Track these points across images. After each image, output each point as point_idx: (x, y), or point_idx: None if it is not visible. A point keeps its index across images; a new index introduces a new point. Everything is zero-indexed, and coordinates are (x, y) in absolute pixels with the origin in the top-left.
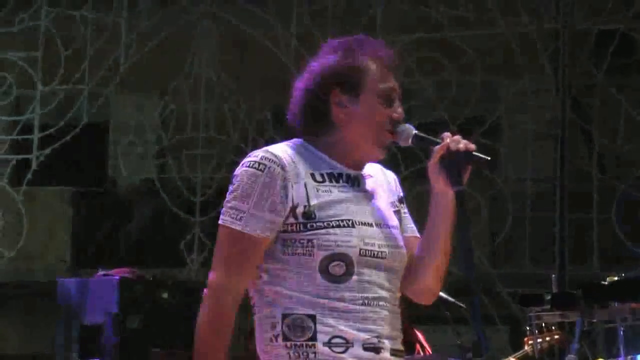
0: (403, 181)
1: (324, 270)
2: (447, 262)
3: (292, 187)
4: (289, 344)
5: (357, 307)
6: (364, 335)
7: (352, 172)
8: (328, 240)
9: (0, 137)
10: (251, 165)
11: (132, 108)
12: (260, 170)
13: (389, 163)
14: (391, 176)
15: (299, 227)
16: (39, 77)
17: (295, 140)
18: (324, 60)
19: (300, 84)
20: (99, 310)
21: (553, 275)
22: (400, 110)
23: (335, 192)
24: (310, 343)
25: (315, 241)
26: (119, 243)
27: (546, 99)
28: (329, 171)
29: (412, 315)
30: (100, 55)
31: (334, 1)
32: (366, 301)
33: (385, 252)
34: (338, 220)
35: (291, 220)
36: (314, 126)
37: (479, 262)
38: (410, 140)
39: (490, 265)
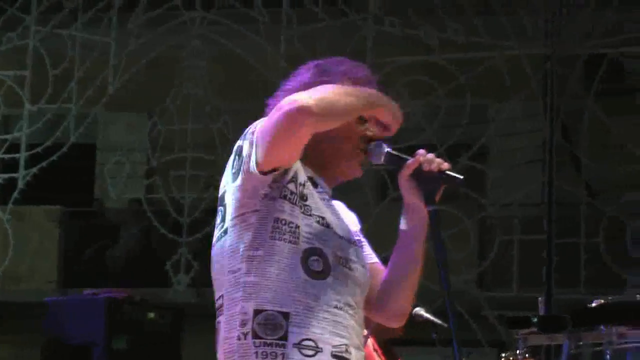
0: (395, 201)
1: (305, 263)
2: (418, 281)
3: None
4: (258, 341)
5: (331, 309)
6: (334, 341)
7: (326, 186)
8: (311, 232)
9: None
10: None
11: (120, 128)
12: None
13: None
14: (352, 214)
15: (295, 199)
16: (27, 96)
17: None
18: (299, 78)
19: (274, 102)
20: (87, 330)
21: (540, 298)
22: (373, 128)
23: (316, 195)
24: (280, 342)
25: (302, 229)
26: (106, 263)
27: (535, 123)
28: (309, 175)
29: (398, 337)
30: (89, 75)
31: (323, 23)
32: (339, 305)
33: (354, 267)
34: (320, 218)
35: (292, 187)
36: None
37: (467, 285)
38: (382, 158)
39: (478, 288)
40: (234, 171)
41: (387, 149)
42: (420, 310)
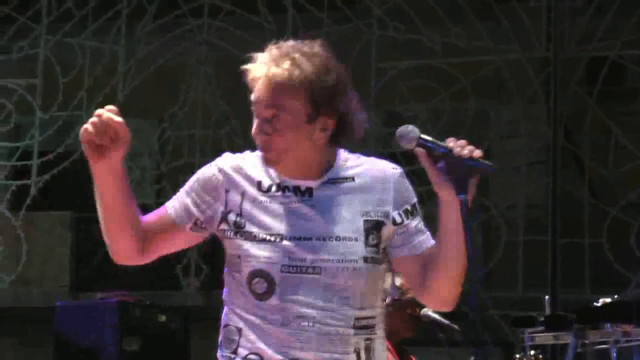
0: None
1: (250, 287)
2: (462, 270)
3: (227, 192)
4: (221, 353)
5: (277, 327)
6: (277, 357)
7: (303, 183)
8: (250, 255)
9: None
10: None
11: (129, 134)
12: (202, 170)
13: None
14: (390, 183)
15: (230, 234)
16: (38, 104)
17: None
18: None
19: None
20: (98, 333)
21: (546, 298)
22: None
23: (275, 205)
24: (232, 356)
25: (242, 256)
26: (116, 267)
27: (538, 125)
28: (277, 181)
29: (410, 338)
30: (98, 82)
31: (328, 30)
32: (285, 322)
33: (323, 267)
34: (265, 234)
35: (224, 226)
36: None
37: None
38: (414, 143)
39: (484, 288)
40: None
41: (420, 134)
42: (428, 311)
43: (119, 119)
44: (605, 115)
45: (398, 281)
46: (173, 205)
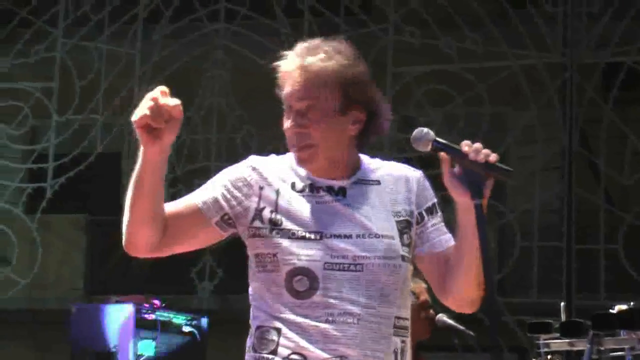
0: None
1: (289, 286)
2: (480, 272)
3: (262, 189)
4: (256, 355)
5: (321, 324)
6: (323, 355)
7: (335, 182)
8: (291, 253)
9: (15, 166)
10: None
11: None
12: (232, 168)
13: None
14: (413, 184)
15: (265, 232)
16: (54, 107)
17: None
18: None
19: None
20: (113, 337)
21: (562, 304)
22: (289, 120)
23: (311, 203)
24: (270, 357)
25: (279, 255)
26: (131, 270)
27: (554, 131)
28: (309, 182)
29: (420, 342)
30: (115, 85)
31: (345, 35)
32: (330, 318)
33: (364, 264)
34: (305, 232)
35: (257, 223)
36: None
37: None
38: (429, 146)
39: (498, 294)
40: None
41: (434, 137)
42: (443, 317)
43: (174, 101)
44: (621, 121)
45: (410, 286)
46: (201, 197)
